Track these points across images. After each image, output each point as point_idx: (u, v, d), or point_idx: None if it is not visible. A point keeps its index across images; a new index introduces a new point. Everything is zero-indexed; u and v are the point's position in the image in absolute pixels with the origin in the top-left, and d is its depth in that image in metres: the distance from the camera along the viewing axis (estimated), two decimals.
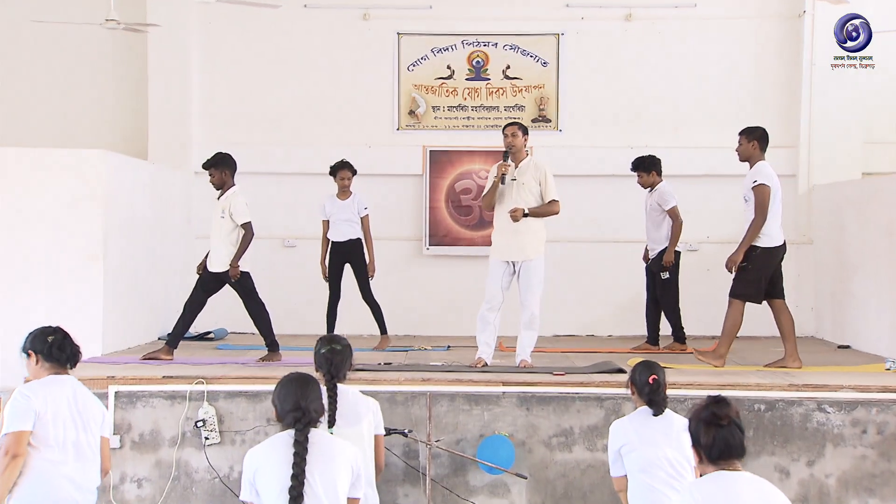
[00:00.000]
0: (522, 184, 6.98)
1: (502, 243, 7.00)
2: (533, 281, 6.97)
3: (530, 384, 6.38)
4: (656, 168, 8.15)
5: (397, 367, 6.95)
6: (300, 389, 3.57)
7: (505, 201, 6.99)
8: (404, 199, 9.73)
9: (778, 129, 9.54)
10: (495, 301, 6.98)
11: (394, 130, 9.74)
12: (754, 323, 8.67)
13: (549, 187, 7.03)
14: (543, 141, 9.64)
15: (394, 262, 9.65)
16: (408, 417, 6.21)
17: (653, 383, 4.22)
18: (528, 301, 6.98)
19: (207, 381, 6.31)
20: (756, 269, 6.81)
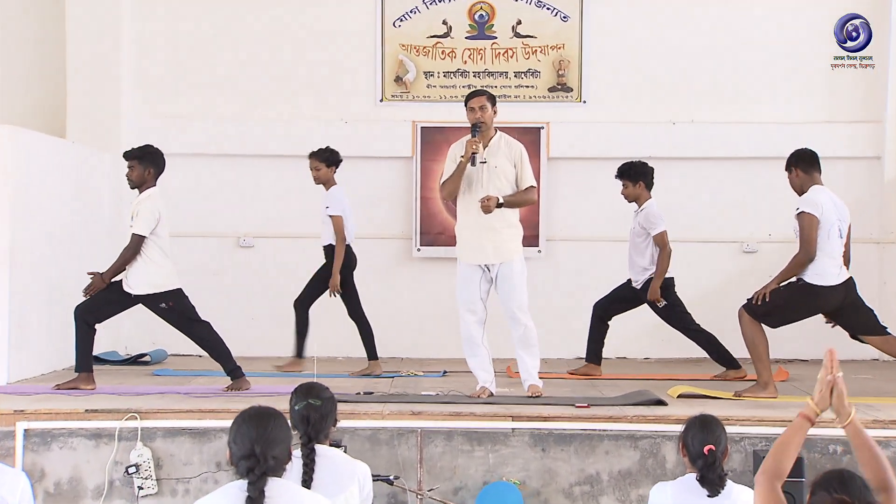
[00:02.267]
0: (495, 167, 6.98)
1: (473, 243, 7.00)
2: (516, 287, 6.97)
3: (547, 419, 6.39)
4: (645, 179, 8.22)
5: (380, 396, 6.99)
6: (257, 429, 3.48)
7: (473, 189, 6.98)
8: (389, 188, 9.75)
9: (857, 100, 9.54)
10: (477, 315, 6.99)
11: (376, 102, 9.74)
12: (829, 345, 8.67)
13: (525, 170, 7.04)
14: (563, 115, 9.63)
15: (376, 267, 9.65)
16: (394, 460, 6.21)
17: (708, 455, 4.16)
18: (515, 312, 6.98)
19: (142, 416, 6.28)
20: (789, 297, 7.04)
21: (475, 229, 6.96)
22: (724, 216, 9.66)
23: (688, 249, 9.60)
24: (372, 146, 9.65)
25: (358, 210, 9.62)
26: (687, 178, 9.68)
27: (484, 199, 6.87)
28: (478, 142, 6.92)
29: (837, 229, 7.03)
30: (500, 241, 6.95)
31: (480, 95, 7.03)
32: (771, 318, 7.19)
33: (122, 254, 7.05)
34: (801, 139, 9.49)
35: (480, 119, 6.94)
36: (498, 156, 7.00)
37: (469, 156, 6.89)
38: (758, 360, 7.14)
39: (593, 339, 8.31)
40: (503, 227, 6.96)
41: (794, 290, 7.12)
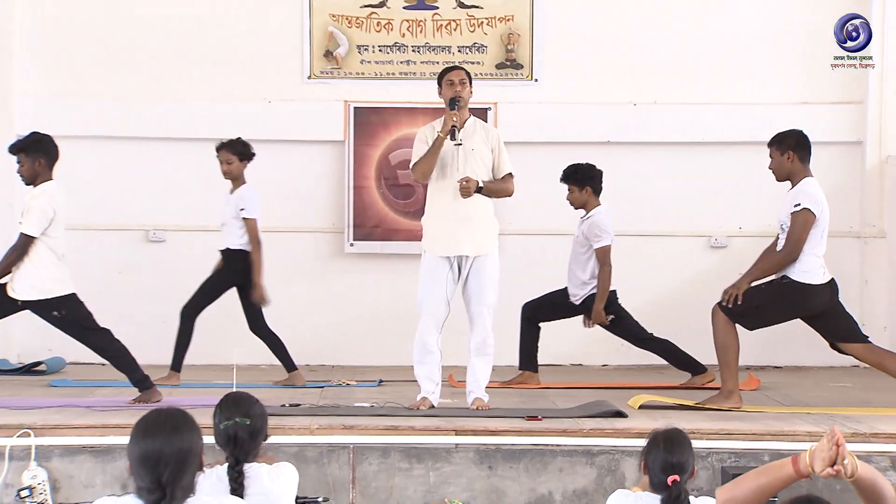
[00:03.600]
0: (472, 149, 7.03)
1: (446, 231, 7.01)
2: (487, 285, 7.01)
3: (494, 433, 6.39)
4: (592, 184, 8.30)
5: (308, 409, 6.97)
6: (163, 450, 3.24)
7: (447, 173, 7.02)
8: (318, 176, 9.73)
9: (838, 79, 9.65)
10: (439, 316, 7.01)
11: (303, 79, 9.72)
12: (805, 350, 8.77)
13: (504, 158, 7.10)
14: (512, 95, 9.66)
15: (304, 265, 9.64)
16: (323, 480, 6.19)
17: (672, 487, 4.11)
18: (481, 314, 7.01)
19: (36, 433, 6.20)
20: (771, 297, 7.12)
21: (449, 218, 6.98)
22: (690, 207, 9.74)
23: (649, 244, 9.67)
24: (298, 128, 9.62)
25: (283, 200, 9.57)
26: (649, 165, 9.74)
27: (463, 181, 6.90)
28: (457, 115, 6.96)
29: (826, 225, 7.14)
30: (478, 232, 6.99)
31: (460, 70, 7.12)
32: (749, 318, 7.25)
33: (8, 254, 6.93)
34: (774, 122, 9.55)
35: (460, 94, 6.98)
36: (475, 139, 7.04)
37: (448, 129, 6.93)
38: (725, 367, 7.20)
39: (525, 343, 8.39)
40: (482, 217, 7.01)
41: (778, 288, 7.18)
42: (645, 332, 8.35)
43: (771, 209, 9.59)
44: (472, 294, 7.02)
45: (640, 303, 9.28)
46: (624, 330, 8.33)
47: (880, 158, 9.65)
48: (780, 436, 6.34)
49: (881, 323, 9.48)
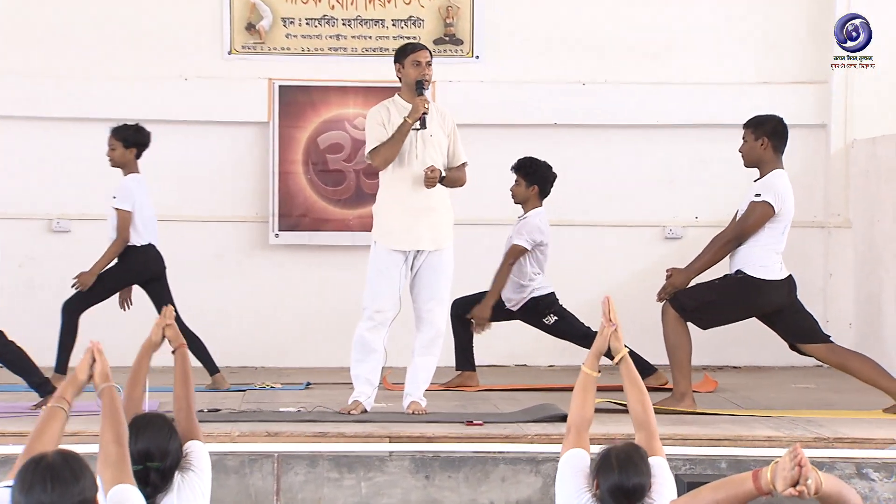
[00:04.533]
0: (430, 135, 7.07)
1: (404, 223, 7.03)
2: (443, 281, 7.06)
3: (431, 439, 6.41)
4: (542, 185, 8.36)
5: (228, 415, 6.97)
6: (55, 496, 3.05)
7: (406, 161, 7.04)
8: (240, 160, 9.68)
9: (801, 57, 9.72)
10: (387, 313, 7.01)
11: (223, 55, 9.67)
12: (765, 350, 8.84)
13: (459, 144, 7.17)
14: (451, 73, 9.65)
15: (224, 258, 9.60)
16: (245, 492, 6.16)
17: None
18: (433, 311, 7.04)
19: None
20: (725, 293, 7.22)
21: (409, 209, 7.00)
22: (643, 195, 9.78)
23: (598, 235, 9.71)
24: (218, 108, 9.54)
25: (201, 187, 9.49)
26: (598, 150, 9.77)
27: (429, 170, 6.92)
28: (428, 100, 6.98)
29: (789, 222, 7.24)
30: (437, 224, 7.04)
31: (427, 50, 7.14)
32: (702, 316, 7.31)
33: None
34: (733, 103, 9.64)
35: (427, 76, 7.01)
36: (432, 124, 7.06)
37: (418, 116, 6.93)
38: (677, 367, 7.26)
39: (460, 343, 8.43)
40: (440, 208, 7.05)
41: (732, 283, 7.25)
42: (590, 331, 8.39)
43: (730, 197, 9.64)
44: (423, 289, 7.04)
45: (587, 298, 9.27)
46: (566, 331, 8.39)
47: (846, 142, 9.73)
48: (739, 441, 6.39)
49: (846, 319, 9.57)
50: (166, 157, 9.00)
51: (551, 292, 8.34)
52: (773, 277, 7.19)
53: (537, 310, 8.33)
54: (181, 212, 9.39)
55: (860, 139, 9.60)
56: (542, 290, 8.31)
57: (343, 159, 9.64)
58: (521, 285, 8.29)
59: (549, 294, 8.33)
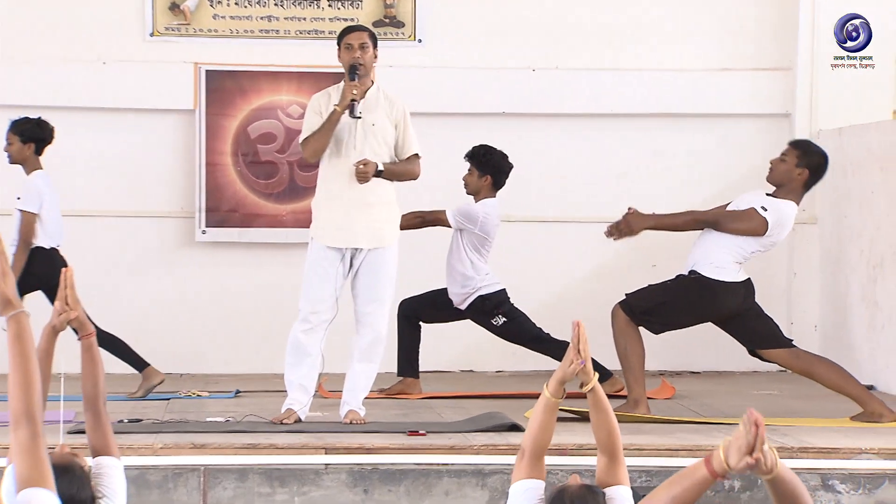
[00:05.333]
0: (372, 125, 7.07)
1: (339, 219, 7.04)
2: (383, 282, 7.07)
3: (370, 450, 6.41)
4: (496, 177, 8.34)
5: (150, 425, 6.95)
6: None
7: (343, 151, 7.04)
8: (164, 151, 9.64)
9: (762, 42, 9.80)
10: (323, 315, 7.02)
11: (144, 37, 9.61)
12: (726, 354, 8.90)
13: (409, 136, 7.17)
14: (392, 58, 9.61)
15: (146, 256, 9.55)
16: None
17: None
18: (373, 314, 7.05)
19: None
20: (678, 294, 7.33)
21: (343, 203, 7.00)
22: (596, 189, 9.82)
23: (549, 231, 9.74)
24: (139, 95, 9.49)
25: (120, 180, 9.43)
26: (549, 140, 9.80)
27: (360, 164, 6.91)
28: (359, 86, 6.96)
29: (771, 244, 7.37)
30: (376, 221, 7.03)
31: (361, 31, 7.15)
32: (652, 319, 7.37)
33: None
34: (691, 91, 9.71)
35: (360, 60, 6.99)
36: (376, 112, 7.06)
37: (347, 103, 6.92)
38: (629, 372, 7.31)
39: (404, 347, 8.44)
40: (380, 204, 7.04)
41: (685, 284, 7.32)
42: (542, 333, 8.42)
43: (689, 191, 9.73)
44: (363, 290, 7.05)
45: (538, 298, 9.35)
46: (516, 333, 8.41)
47: (811, 133, 9.78)
48: (698, 451, 6.40)
49: (812, 321, 9.65)
50: (83, 148, 8.96)
51: (501, 290, 8.34)
52: (729, 279, 7.26)
53: (485, 309, 8.34)
54: (99, 207, 9.33)
55: (826, 130, 9.68)
56: (490, 286, 8.30)
57: (276, 150, 9.60)
58: (466, 276, 8.28)
59: (498, 292, 8.33)
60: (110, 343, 8.04)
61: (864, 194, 9.00)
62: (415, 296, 8.49)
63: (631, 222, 7.36)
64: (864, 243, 8.98)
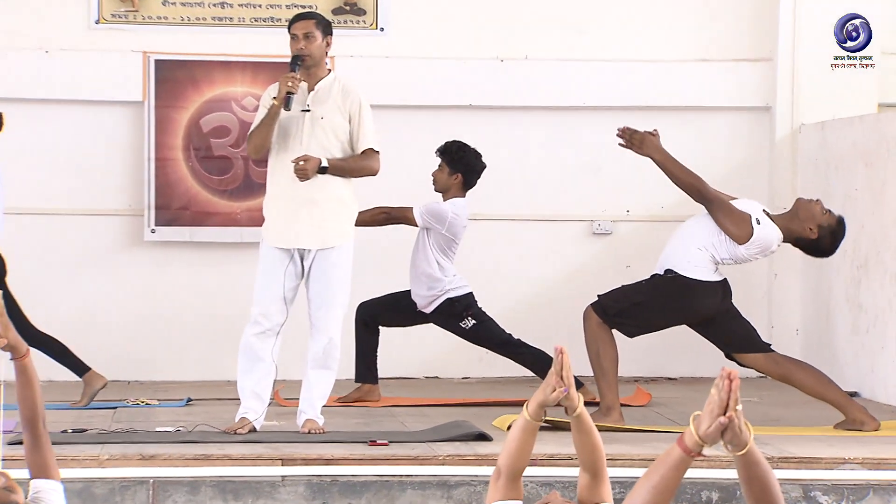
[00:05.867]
0: (321, 118, 7.06)
1: (284, 218, 7.06)
2: (334, 284, 7.06)
3: (330, 461, 6.41)
4: (466, 175, 8.32)
5: (96, 435, 6.94)
6: None
7: (289, 147, 7.04)
8: (111, 145, 9.62)
9: (743, 32, 9.82)
10: (274, 318, 7.03)
11: (90, 25, 9.58)
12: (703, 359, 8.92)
13: (364, 128, 7.15)
14: (352, 47, 9.64)
15: (92, 256, 9.52)
16: None
17: None
18: (324, 318, 7.06)
19: None
20: (654, 295, 7.36)
21: (288, 202, 7.03)
22: (568, 185, 9.84)
23: (519, 230, 9.74)
24: (85, 86, 9.46)
25: (64, 175, 9.41)
26: (519, 134, 9.81)
27: (300, 160, 6.90)
28: (297, 78, 6.94)
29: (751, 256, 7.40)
30: (324, 220, 7.04)
31: (307, 20, 7.14)
32: (626, 321, 7.39)
33: None
34: (668, 83, 9.71)
35: (305, 51, 7.00)
36: (327, 104, 7.06)
37: (283, 97, 6.90)
38: (601, 378, 7.33)
39: (362, 352, 8.45)
40: (326, 201, 7.04)
41: (661, 284, 7.35)
42: (511, 339, 8.42)
43: (665, 188, 9.73)
44: (314, 294, 7.06)
45: (506, 300, 9.35)
46: (486, 337, 8.42)
47: (792, 127, 9.84)
48: None
49: (793, 324, 9.68)
50: (24, 141, 8.91)
51: (469, 293, 8.36)
52: (707, 279, 7.27)
53: (453, 312, 8.34)
54: (41, 204, 9.29)
55: (808, 123, 9.72)
56: (458, 289, 8.32)
57: (229, 144, 9.58)
58: (432, 278, 8.27)
59: (466, 295, 8.35)
60: (48, 345, 8.00)
61: (848, 191, 9.02)
62: (373, 299, 8.48)
63: (645, 141, 7.31)
64: (847, 243, 8.94)
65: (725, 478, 6.35)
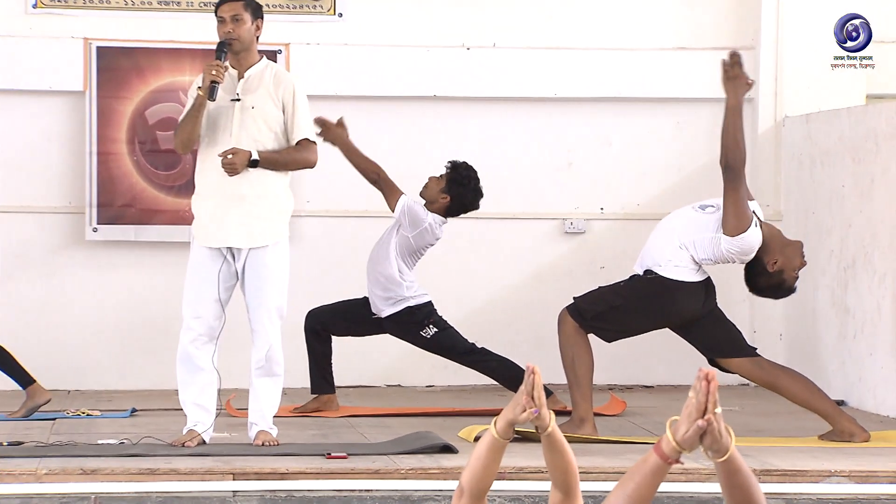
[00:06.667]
0: (252, 108, 7.05)
1: (213, 215, 7.06)
2: (268, 286, 7.04)
3: (285, 475, 6.41)
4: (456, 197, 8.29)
5: (33, 448, 6.93)
6: None
7: (219, 139, 7.04)
8: (49, 138, 9.61)
9: (723, 19, 9.88)
10: (209, 322, 7.04)
11: (27, 9, 9.55)
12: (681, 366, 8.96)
13: (299, 117, 7.14)
14: (309, 34, 9.67)
15: (28, 256, 9.49)
16: None
17: None
18: (261, 322, 7.05)
19: None
20: (633, 297, 7.39)
21: (217, 198, 7.02)
22: (539, 182, 9.87)
23: (487, 229, 9.76)
24: (21, 74, 9.45)
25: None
26: (487, 127, 9.83)
27: (227, 153, 6.90)
28: (222, 65, 6.94)
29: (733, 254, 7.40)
30: (254, 217, 7.03)
31: (235, 1, 7.07)
32: (605, 325, 7.41)
33: None
34: (644, 73, 9.75)
35: (233, 34, 6.99)
36: (258, 92, 7.05)
37: (207, 86, 6.90)
38: (575, 386, 7.35)
39: (315, 362, 8.47)
40: (258, 197, 7.03)
41: (641, 285, 7.39)
42: (475, 347, 8.44)
43: (641, 186, 9.80)
44: (249, 297, 7.06)
45: (471, 304, 9.39)
46: (448, 346, 8.44)
47: (776, 119, 9.90)
48: None
49: (776, 329, 9.73)
50: None
51: (429, 301, 8.40)
52: (689, 279, 7.31)
53: (413, 320, 8.36)
54: None
55: (792, 116, 9.78)
56: (418, 297, 8.34)
57: None
58: (390, 279, 8.27)
59: (427, 303, 8.38)
60: None
61: (835, 188, 9.08)
62: (323, 306, 8.50)
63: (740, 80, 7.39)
64: (833, 243, 9.06)
65: (705, 491, 6.38)
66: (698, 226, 7.33)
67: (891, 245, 8.39)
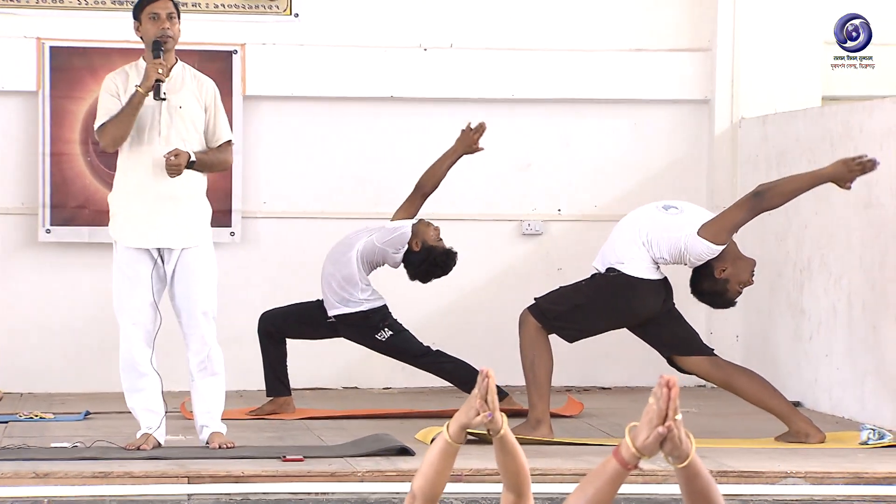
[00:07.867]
0: (179, 107, 7.06)
1: (141, 215, 7.02)
2: (202, 286, 7.04)
3: (240, 478, 6.41)
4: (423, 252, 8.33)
5: None
6: None
7: (146, 138, 7.02)
8: (2, 139, 9.59)
9: (681, 20, 9.92)
10: (146, 325, 7.02)
11: None
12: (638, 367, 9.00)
13: (221, 119, 7.18)
14: (264, 34, 9.66)
15: None
16: None
17: None
18: (196, 323, 7.03)
19: None
20: (594, 295, 7.43)
21: (147, 198, 6.98)
22: (496, 183, 9.88)
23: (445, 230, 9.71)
24: None
25: None
26: (443, 128, 9.77)
27: (171, 155, 6.87)
28: (164, 64, 6.93)
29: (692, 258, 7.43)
30: (185, 218, 7.02)
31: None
32: (566, 325, 7.44)
33: None
34: (601, 75, 9.78)
35: (169, 33, 6.99)
36: (183, 92, 7.05)
37: (151, 84, 6.88)
38: (534, 388, 7.36)
39: (270, 365, 8.47)
40: (189, 198, 7.03)
41: (603, 283, 7.43)
42: (430, 350, 8.45)
43: (599, 187, 9.82)
44: (181, 299, 7.04)
45: (428, 307, 9.39)
46: (403, 348, 8.46)
47: (732, 121, 9.94)
48: None
49: (733, 330, 9.77)
50: None
51: (384, 304, 8.41)
52: (650, 277, 7.35)
53: (369, 324, 8.37)
54: None
55: (749, 118, 9.81)
56: (373, 302, 8.36)
57: None
58: (347, 279, 8.28)
59: (382, 306, 8.40)
60: None
61: None
62: (276, 309, 8.50)
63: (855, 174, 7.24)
64: (789, 245, 9.11)
65: (663, 493, 6.40)
66: (660, 225, 7.36)
67: (847, 247, 8.43)
